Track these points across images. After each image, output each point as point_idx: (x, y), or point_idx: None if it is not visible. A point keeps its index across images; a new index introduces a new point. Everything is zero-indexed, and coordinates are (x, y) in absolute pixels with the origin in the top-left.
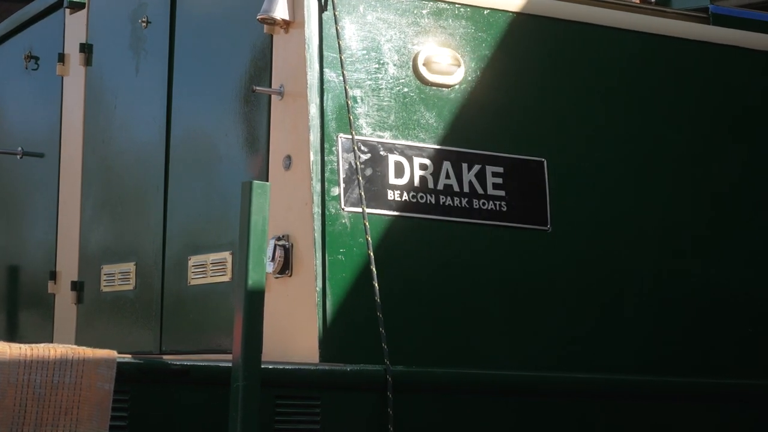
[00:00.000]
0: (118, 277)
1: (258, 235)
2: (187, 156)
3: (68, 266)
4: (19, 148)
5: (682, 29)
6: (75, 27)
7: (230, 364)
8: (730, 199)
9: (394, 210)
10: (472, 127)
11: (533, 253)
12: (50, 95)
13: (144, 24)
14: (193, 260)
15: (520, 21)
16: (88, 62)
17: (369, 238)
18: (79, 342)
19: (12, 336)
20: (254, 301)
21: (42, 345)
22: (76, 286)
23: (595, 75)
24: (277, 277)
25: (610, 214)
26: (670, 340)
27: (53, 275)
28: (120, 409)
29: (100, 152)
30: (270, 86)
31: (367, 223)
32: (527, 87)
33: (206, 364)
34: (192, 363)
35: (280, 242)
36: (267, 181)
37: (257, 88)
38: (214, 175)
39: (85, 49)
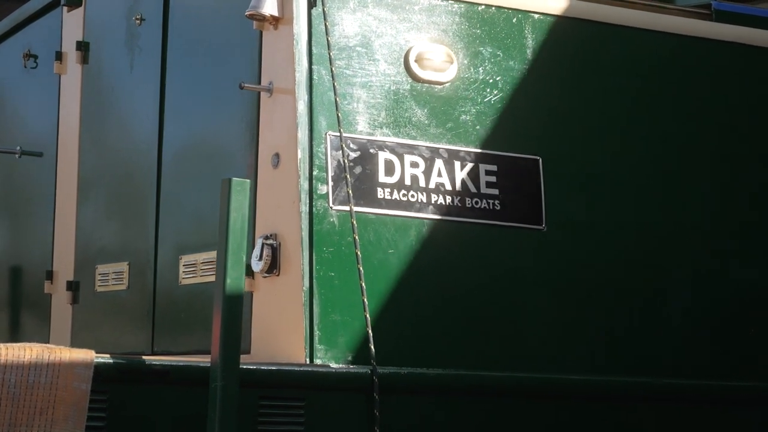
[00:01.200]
0: (112, 276)
1: (237, 233)
2: (178, 154)
3: (65, 266)
4: (18, 147)
5: (684, 26)
6: (72, 25)
7: None
8: (728, 197)
9: (383, 208)
10: (464, 125)
11: (527, 253)
12: (49, 94)
13: (138, 21)
14: (184, 260)
15: (514, 17)
16: (84, 60)
17: (357, 237)
18: (74, 343)
19: (9, 336)
20: (232, 300)
21: (18, 344)
22: (72, 286)
23: (593, 72)
24: (264, 277)
25: (607, 214)
26: (667, 341)
27: (50, 275)
28: (98, 410)
29: (96, 151)
30: (259, 83)
31: (354, 222)
32: (521, 84)
33: (186, 364)
34: (171, 363)
35: (268, 241)
36: (256, 179)
37: (245, 84)
38: (205, 173)
39: (82, 47)
